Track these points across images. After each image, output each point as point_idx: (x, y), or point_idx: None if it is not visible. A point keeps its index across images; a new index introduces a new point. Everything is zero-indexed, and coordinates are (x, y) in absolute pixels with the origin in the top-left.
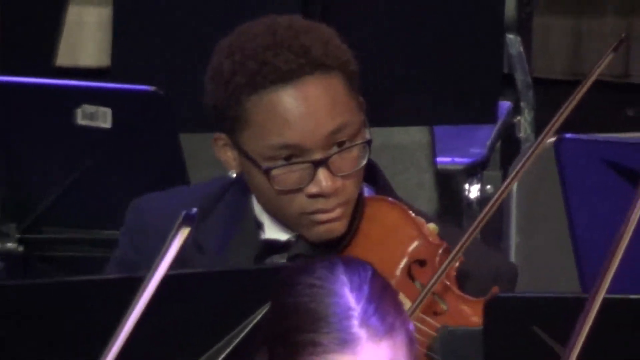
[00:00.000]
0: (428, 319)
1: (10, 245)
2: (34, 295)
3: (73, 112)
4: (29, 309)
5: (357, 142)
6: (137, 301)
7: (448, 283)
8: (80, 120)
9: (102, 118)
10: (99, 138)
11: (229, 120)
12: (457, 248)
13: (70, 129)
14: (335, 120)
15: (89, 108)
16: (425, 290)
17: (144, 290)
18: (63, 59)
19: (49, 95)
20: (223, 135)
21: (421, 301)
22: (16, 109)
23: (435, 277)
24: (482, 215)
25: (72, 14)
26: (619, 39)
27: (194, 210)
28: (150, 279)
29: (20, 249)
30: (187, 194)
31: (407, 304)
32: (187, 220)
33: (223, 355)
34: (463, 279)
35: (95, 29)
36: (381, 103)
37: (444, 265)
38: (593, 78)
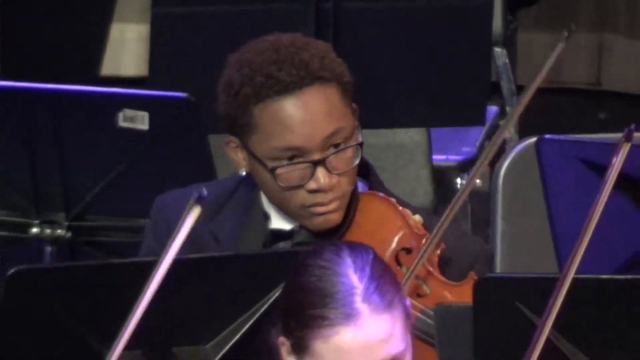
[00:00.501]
0: (413, 300)
1: (59, 231)
2: (79, 275)
3: (115, 115)
4: (76, 288)
5: (351, 144)
6: (154, 275)
7: (430, 269)
8: (121, 123)
9: (140, 121)
10: (138, 138)
11: (238, 126)
12: (432, 235)
13: (113, 131)
14: (331, 125)
15: (129, 112)
16: (408, 273)
17: (160, 264)
18: (107, 69)
19: (95, 101)
20: (234, 139)
21: (405, 283)
22: (67, 113)
23: (416, 261)
24: (451, 205)
25: (115, 30)
26: (568, 28)
27: (205, 191)
28: (166, 253)
29: (68, 235)
30: (208, 188)
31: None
32: (199, 200)
33: (243, 330)
34: (444, 265)
35: (134, 43)
36: (385, 108)
37: (422, 250)
38: (550, 64)
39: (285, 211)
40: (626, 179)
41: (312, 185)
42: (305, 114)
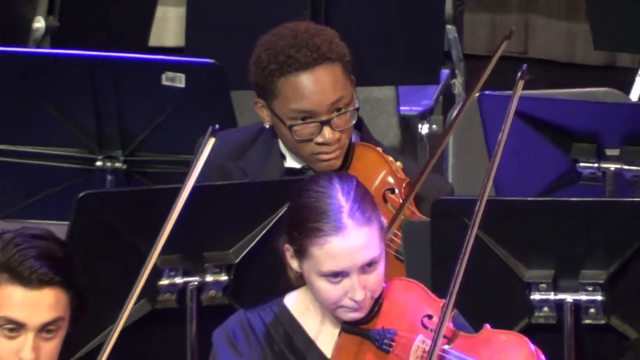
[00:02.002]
0: (397, 232)
1: (117, 164)
2: (132, 197)
3: (159, 76)
4: (130, 207)
5: (350, 109)
6: (180, 195)
7: (412, 208)
8: (164, 82)
9: (178, 80)
10: (176, 94)
11: (265, 92)
12: (415, 185)
13: (158, 88)
14: (335, 94)
15: (170, 74)
16: (397, 213)
17: (187, 181)
18: (153, 41)
19: (144, 65)
20: (261, 100)
21: (393, 222)
22: (123, 74)
23: (403, 204)
24: (431, 157)
25: (159, 11)
26: (510, 31)
27: (217, 126)
28: (190, 174)
29: (124, 167)
30: (234, 133)
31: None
32: (213, 133)
33: (258, 238)
34: (419, 201)
35: (174, 22)
36: (364, 71)
37: (407, 196)
38: (496, 58)
39: (298, 155)
40: (541, 122)
41: (319, 139)
42: (316, 85)
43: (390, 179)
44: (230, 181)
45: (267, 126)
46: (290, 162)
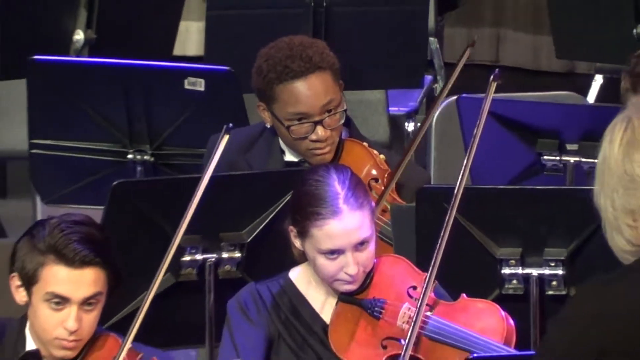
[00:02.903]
0: (380, 216)
1: (146, 157)
2: (159, 186)
3: (183, 81)
4: (157, 194)
5: (339, 110)
6: (201, 181)
7: (393, 195)
8: (187, 86)
9: (199, 85)
10: (197, 96)
11: (265, 97)
12: (396, 173)
13: (181, 91)
14: (326, 98)
15: (191, 79)
16: (379, 199)
17: (205, 172)
18: (177, 51)
19: (170, 72)
20: (262, 104)
21: (376, 206)
22: (151, 79)
23: (384, 190)
24: (407, 149)
25: (182, 25)
26: (472, 40)
27: (231, 125)
28: (208, 166)
29: (152, 159)
30: (242, 131)
31: None
32: (227, 131)
33: (267, 221)
34: (399, 188)
35: (195, 34)
36: (358, 76)
37: (388, 183)
38: (462, 63)
39: (295, 151)
40: (510, 121)
41: (313, 137)
42: (309, 91)
43: (374, 171)
44: (244, 172)
45: (269, 126)
46: (289, 157)
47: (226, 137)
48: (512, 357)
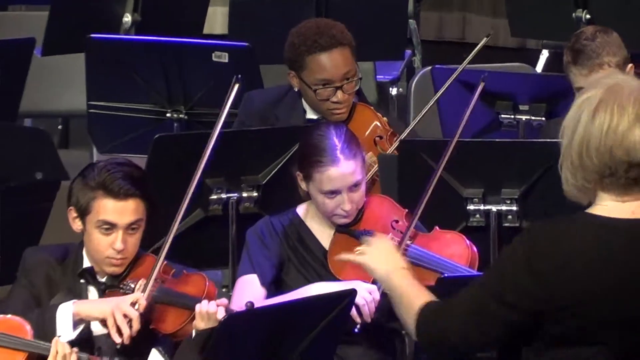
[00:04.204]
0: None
1: (181, 116)
2: (193, 139)
3: (211, 54)
4: (190, 143)
5: (355, 78)
6: (215, 128)
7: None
8: (214, 58)
9: (224, 57)
10: (222, 67)
11: (296, 65)
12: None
13: (210, 62)
14: (346, 68)
15: (218, 52)
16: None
17: (217, 126)
18: (206, 30)
19: (200, 47)
20: (292, 72)
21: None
22: (185, 54)
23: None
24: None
25: (210, 10)
26: (488, 33)
27: (240, 76)
28: (221, 116)
29: (186, 117)
30: (270, 90)
31: (372, 157)
32: (237, 81)
33: (279, 166)
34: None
35: (220, 16)
36: (354, 51)
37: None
38: (478, 48)
39: (317, 111)
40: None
41: (334, 99)
42: (333, 62)
43: (379, 130)
44: (259, 127)
45: (296, 89)
46: (310, 115)
47: (237, 86)
48: (475, 277)
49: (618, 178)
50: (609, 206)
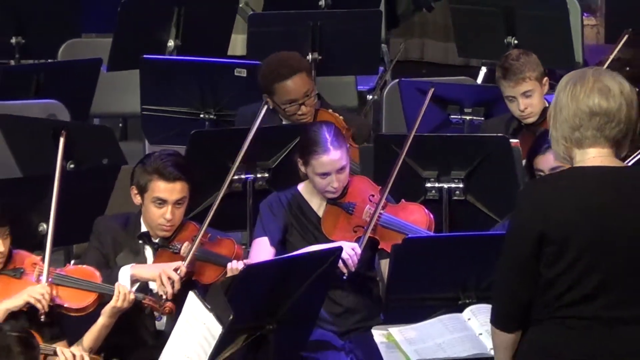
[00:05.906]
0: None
1: (211, 116)
2: (221, 135)
3: (233, 70)
4: (219, 140)
5: (313, 94)
6: (249, 134)
7: (351, 143)
8: (236, 73)
9: (243, 73)
10: (242, 80)
11: (267, 90)
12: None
13: (232, 76)
14: (305, 88)
15: (238, 69)
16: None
17: (252, 127)
18: (230, 51)
19: (225, 65)
20: (266, 96)
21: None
22: (214, 70)
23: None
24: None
25: (232, 37)
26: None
27: (268, 100)
28: (254, 123)
29: (215, 117)
30: (252, 107)
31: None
32: (266, 103)
33: (284, 154)
34: (354, 137)
35: (240, 41)
36: (340, 68)
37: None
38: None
39: (287, 120)
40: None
41: (299, 112)
42: (294, 86)
43: (339, 126)
44: (270, 125)
45: (271, 107)
46: (284, 122)
47: (265, 107)
48: (431, 237)
49: (585, 130)
50: (583, 160)
